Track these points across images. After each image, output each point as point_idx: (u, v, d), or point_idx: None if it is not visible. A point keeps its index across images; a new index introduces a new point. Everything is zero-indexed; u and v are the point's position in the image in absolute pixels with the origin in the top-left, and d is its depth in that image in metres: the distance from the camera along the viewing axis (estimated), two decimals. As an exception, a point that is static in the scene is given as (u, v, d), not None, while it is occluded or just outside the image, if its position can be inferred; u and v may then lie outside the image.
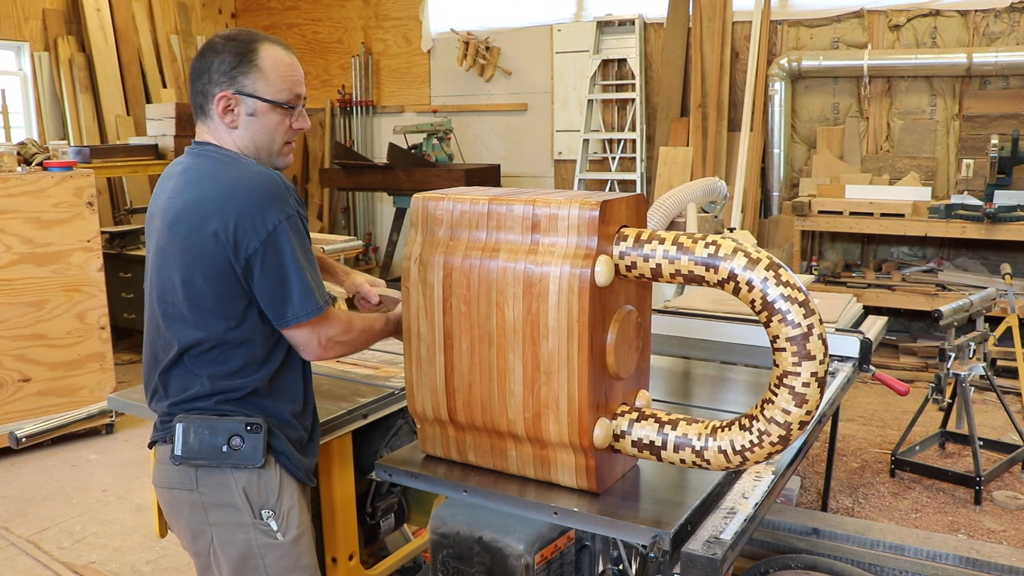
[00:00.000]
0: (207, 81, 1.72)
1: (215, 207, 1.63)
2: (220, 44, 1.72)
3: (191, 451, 1.67)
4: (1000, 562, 2.61)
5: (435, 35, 7.70)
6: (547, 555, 1.77)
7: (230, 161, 1.71)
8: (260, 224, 1.62)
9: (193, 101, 1.76)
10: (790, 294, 1.45)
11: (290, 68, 1.75)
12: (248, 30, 1.77)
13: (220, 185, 1.65)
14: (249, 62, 1.70)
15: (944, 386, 3.82)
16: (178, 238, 1.66)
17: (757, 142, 6.30)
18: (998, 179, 5.29)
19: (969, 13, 5.76)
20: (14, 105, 6.71)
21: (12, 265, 4.24)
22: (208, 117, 1.74)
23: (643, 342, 1.76)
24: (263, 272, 1.64)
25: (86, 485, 4.04)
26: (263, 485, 1.71)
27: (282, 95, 1.74)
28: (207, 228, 1.62)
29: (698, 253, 1.51)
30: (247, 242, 1.62)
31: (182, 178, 1.72)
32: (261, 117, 1.73)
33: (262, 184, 1.65)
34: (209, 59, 1.71)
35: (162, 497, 1.78)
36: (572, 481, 1.67)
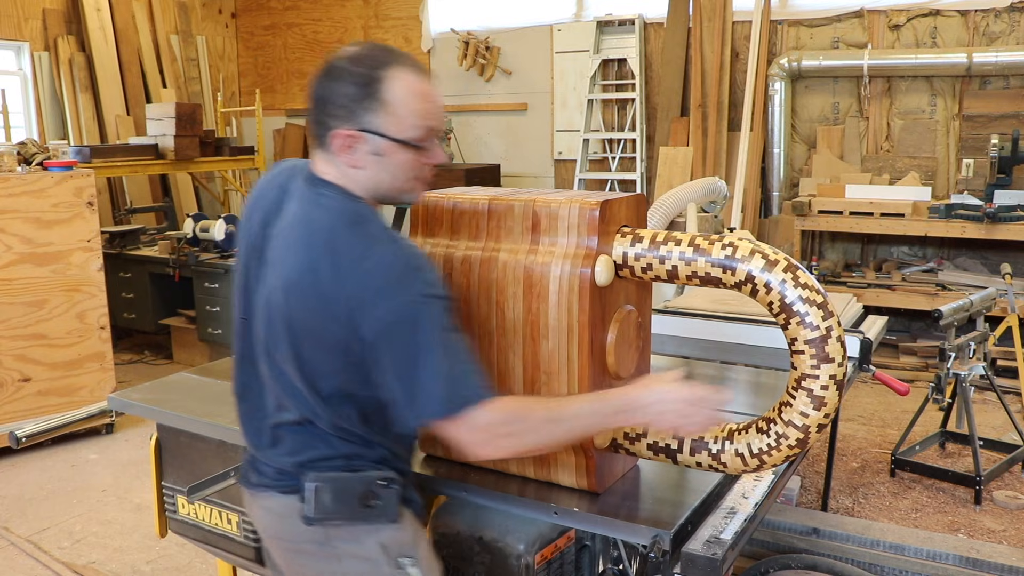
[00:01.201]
0: (324, 111, 1.46)
1: (333, 287, 1.39)
2: (342, 67, 1.45)
3: (325, 511, 1.50)
4: (1000, 562, 2.61)
5: (435, 35, 7.70)
6: (547, 555, 1.77)
7: (352, 224, 1.44)
8: (380, 312, 1.36)
9: (312, 131, 1.51)
10: (808, 296, 1.44)
11: (423, 99, 1.46)
12: (378, 49, 1.48)
13: (342, 260, 1.40)
14: (373, 95, 1.42)
15: (944, 386, 3.81)
16: (293, 308, 1.44)
17: (757, 142, 6.30)
18: (998, 179, 5.29)
19: (969, 13, 5.76)
20: (14, 105, 6.71)
21: (12, 265, 4.23)
22: (328, 152, 1.48)
23: (643, 342, 1.76)
24: (384, 362, 1.39)
25: (86, 485, 4.03)
26: (399, 536, 1.56)
27: (414, 132, 1.46)
28: (327, 309, 1.40)
29: (715, 255, 1.50)
30: (365, 330, 1.38)
31: (297, 232, 1.46)
32: (388, 157, 1.46)
33: (385, 264, 1.39)
34: (328, 84, 1.45)
35: (279, 549, 1.61)
36: (572, 481, 1.67)
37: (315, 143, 1.51)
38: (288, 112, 8.56)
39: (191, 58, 8.02)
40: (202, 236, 5.76)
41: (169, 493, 2.19)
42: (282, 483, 1.54)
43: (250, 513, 1.66)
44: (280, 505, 1.55)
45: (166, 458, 2.19)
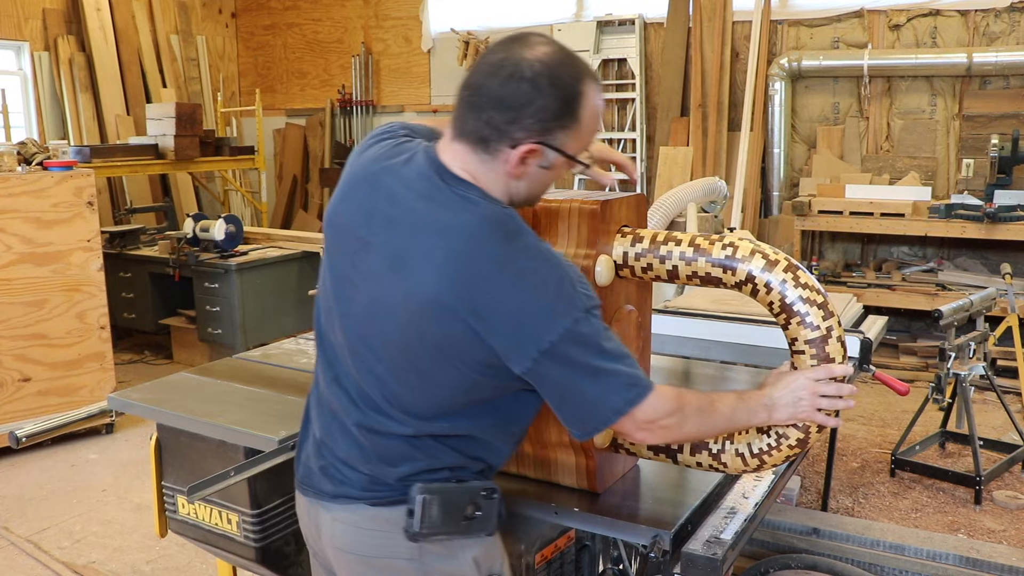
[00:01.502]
0: (511, 120, 1.32)
1: (488, 308, 1.30)
2: (544, 80, 1.31)
3: (433, 525, 1.41)
4: (1000, 562, 2.61)
5: (435, 35, 7.70)
6: (547, 555, 1.77)
7: (508, 237, 1.32)
8: (539, 334, 1.28)
9: (470, 126, 1.35)
10: (809, 296, 1.44)
11: (599, 118, 1.41)
12: (572, 57, 1.35)
13: (500, 280, 1.29)
14: (572, 114, 1.34)
15: (944, 386, 3.81)
16: (425, 323, 1.33)
17: (757, 142, 6.30)
18: (998, 179, 5.29)
19: (969, 13, 5.76)
20: (14, 105, 6.71)
21: (12, 265, 4.23)
22: (488, 154, 1.35)
23: (643, 342, 1.76)
24: (546, 386, 1.34)
25: (86, 485, 4.03)
26: (490, 550, 1.50)
27: (583, 150, 1.41)
28: (474, 330, 1.31)
29: (715, 255, 1.50)
30: (523, 354, 1.30)
31: (440, 239, 1.32)
32: (552, 171, 1.39)
33: (546, 283, 1.30)
34: (525, 94, 1.31)
35: (354, 564, 1.49)
36: (572, 481, 1.67)
37: (470, 140, 1.36)
38: (288, 112, 8.56)
39: (191, 58, 8.02)
40: (202, 236, 5.76)
41: (169, 493, 2.19)
42: (375, 494, 1.44)
43: (314, 524, 1.53)
44: (369, 518, 1.45)
45: (166, 458, 2.19)
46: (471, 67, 1.39)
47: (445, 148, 1.40)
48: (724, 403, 1.45)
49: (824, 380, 1.46)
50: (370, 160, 1.46)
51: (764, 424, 1.48)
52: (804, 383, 1.46)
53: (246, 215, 8.10)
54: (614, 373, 1.32)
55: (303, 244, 6.00)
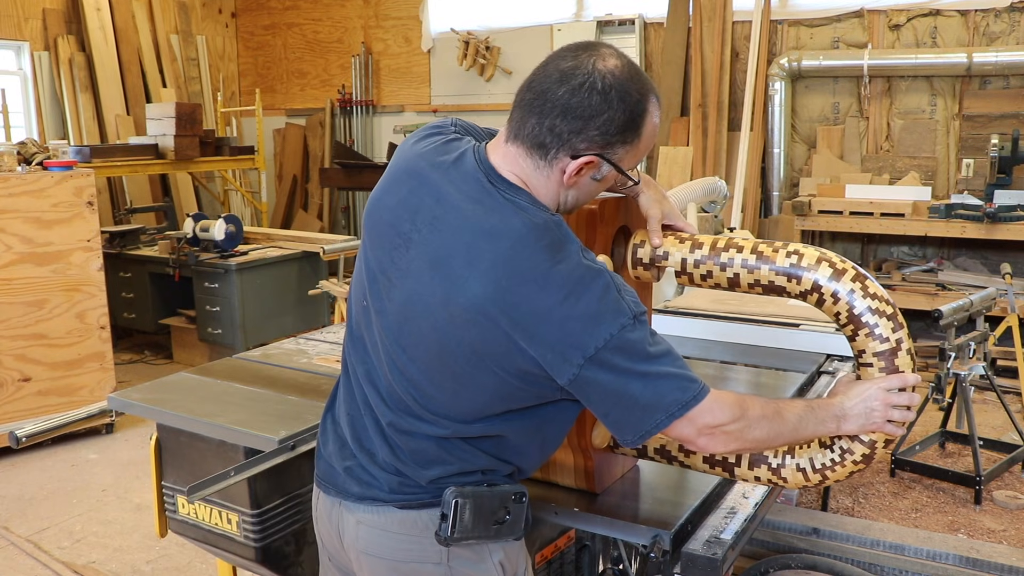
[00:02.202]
0: (576, 131, 1.31)
1: (533, 318, 1.27)
2: (615, 94, 1.30)
3: (465, 530, 1.39)
4: (1000, 562, 2.61)
5: (435, 35, 7.70)
6: (547, 555, 1.77)
7: (553, 245, 1.29)
8: (585, 341, 1.26)
9: (530, 130, 1.33)
10: (878, 307, 1.40)
11: (655, 135, 1.40)
12: (639, 75, 1.34)
13: (547, 291, 1.26)
14: (635, 131, 1.33)
15: (944, 386, 3.82)
16: (464, 329, 1.30)
17: (757, 142, 6.30)
18: (998, 179, 5.29)
19: (969, 13, 5.76)
20: (14, 105, 6.71)
21: (12, 265, 4.23)
22: (545, 161, 1.34)
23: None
24: (592, 396, 1.31)
25: (86, 485, 4.03)
26: (516, 554, 1.48)
27: (635, 165, 1.42)
28: (516, 340, 1.28)
29: (779, 263, 1.45)
30: (567, 362, 1.27)
31: (485, 244, 1.29)
32: (603, 183, 1.40)
33: (592, 290, 1.27)
34: (594, 106, 1.30)
35: (379, 568, 1.46)
36: (571, 481, 1.67)
37: (528, 144, 1.34)
38: (288, 112, 8.56)
39: (191, 58, 8.02)
40: (202, 236, 5.76)
41: (169, 493, 2.19)
42: (403, 497, 1.42)
43: (335, 526, 1.51)
44: (396, 522, 1.42)
45: (166, 458, 2.19)
46: (537, 70, 1.36)
47: (496, 149, 1.38)
48: (791, 411, 1.39)
49: (895, 390, 1.42)
50: (418, 155, 1.43)
51: (832, 435, 1.43)
52: (876, 393, 1.42)
53: (246, 215, 8.10)
54: (666, 376, 1.29)
55: (303, 244, 6.00)
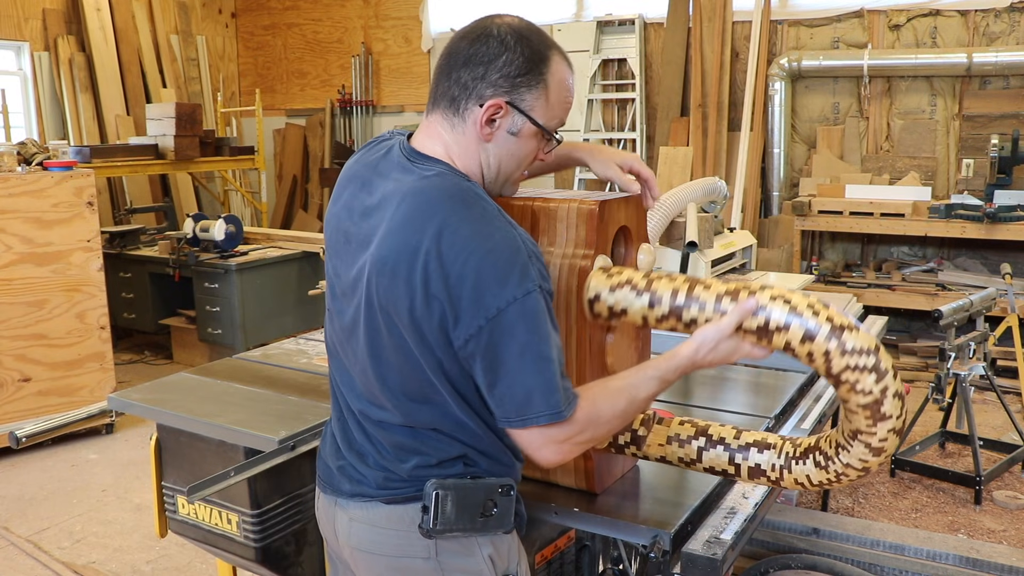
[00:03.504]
0: (479, 76, 1.36)
1: (439, 271, 1.27)
2: (511, 38, 1.36)
3: (448, 522, 1.39)
4: (1000, 562, 2.61)
5: (435, 35, 7.70)
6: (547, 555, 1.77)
7: (464, 202, 1.32)
8: (488, 300, 1.25)
9: (442, 90, 1.40)
10: (858, 363, 1.31)
11: (570, 92, 1.44)
12: (539, 31, 1.41)
13: (455, 242, 1.27)
14: (539, 74, 1.37)
15: (944, 386, 3.82)
16: (381, 291, 1.33)
17: (757, 142, 6.30)
18: (998, 179, 5.29)
19: (969, 13, 5.76)
20: (14, 105, 6.71)
21: (12, 265, 4.23)
22: (458, 116, 1.39)
23: (643, 342, 1.75)
24: (483, 360, 1.29)
25: (86, 485, 4.03)
26: (507, 547, 1.48)
27: (553, 122, 1.43)
28: (425, 295, 1.29)
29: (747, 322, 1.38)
30: (467, 321, 1.27)
31: (398, 210, 1.33)
32: (521, 140, 1.41)
33: (499, 249, 1.28)
34: (492, 50, 1.36)
35: (372, 564, 1.48)
36: (571, 481, 1.67)
37: (444, 106, 1.40)
38: (288, 112, 8.56)
39: (191, 58, 8.02)
40: (202, 236, 5.76)
41: (169, 493, 2.19)
42: (388, 492, 1.43)
43: (331, 525, 1.53)
44: (384, 517, 1.44)
45: (166, 458, 2.19)
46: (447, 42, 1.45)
47: (420, 129, 1.45)
48: (640, 388, 1.38)
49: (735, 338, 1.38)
50: (354, 161, 1.53)
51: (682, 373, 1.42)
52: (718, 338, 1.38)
53: (246, 215, 8.11)
54: (551, 371, 1.28)
55: (303, 244, 6.00)
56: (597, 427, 1.35)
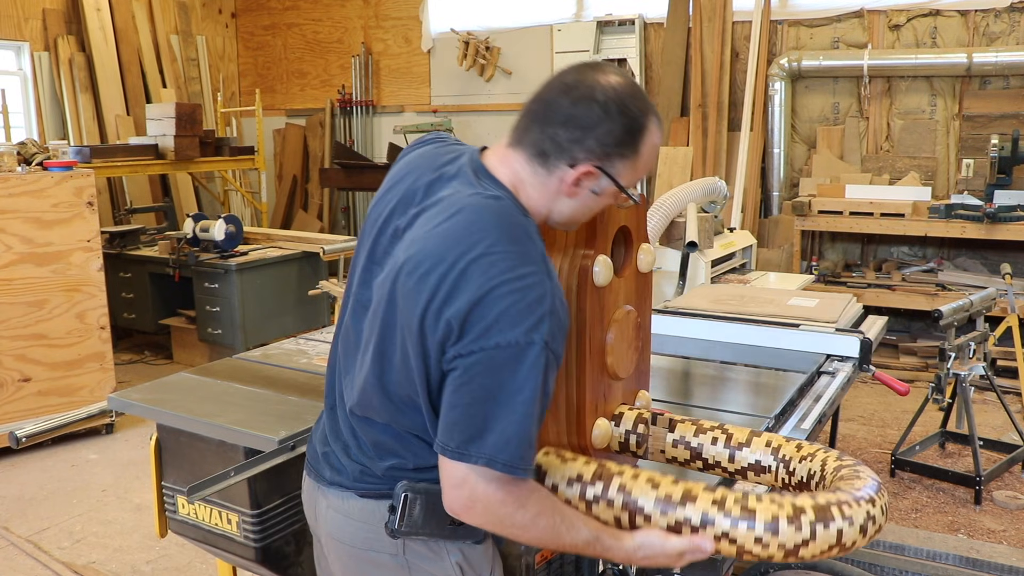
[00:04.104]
0: (575, 140, 1.34)
1: (455, 288, 1.27)
2: (615, 107, 1.34)
3: (414, 525, 1.39)
4: (1000, 562, 2.61)
5: (435, 35, 7.70)
6: (547, 555, 1.77)
7: (512, 236, 1.30)
8: (492, 333, 1.24)
9: (532, 137, 1.38)
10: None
11: (656, 156, 1.44)
12: (640, 94, 1.39)
13: (489, 271, 1.26)
14: (633, 145, 1.37)
15: (944, 386, 3.82)
16: (398, 288, 1.33)
17: (757, 142, 6.30)
18: (998, 179, 5.29)
19: (969, 13, 5.76)
20: (14, 105, 6.71)
21: (12, 265, 4.23)
22: (544, 168, 1.37)
23: (643, 342, 1.76)
24: (458, 380, 1.28)
25: (86, 485, 4.04)
26: (478, 557, 1.47)
27: (635, 184, 1.44)
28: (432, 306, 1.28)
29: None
30: (466, 342, 1.26)
31: (449, 220, 1.32)
32: (601, 198, 1.41)
33: (525, 292, 1.25)
34: (594, 116, 1.34)
35: (342, 553, 1.50)
36: (572, 481, 1.66)
37: (529, 152, 1.38)
38: (288, 112, 8.56)
39: (191, 58, 8.02)
40: (202, 236, 5.76)
41: (169, 493, 2.19)
42: (364, 486, 1.45)
43: (312, 508, 1.57)
44: (357, 509, 1.45)
45: (166, 458, 2.19)
46: (545, 83, 1.41)
47: (495, 152, 1.44)
48: (578, 532, 1.35)
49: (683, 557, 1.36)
50: (419, 155, 1.51)
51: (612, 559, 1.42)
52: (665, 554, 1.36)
53: (246, 215, 8.10)
54: (516, 426, 1.25)
55: (303, 244, 6.00)
56: (522, 510, 1.30)
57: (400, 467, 1.42)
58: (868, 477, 1.36)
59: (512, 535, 1.35)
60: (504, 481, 1.27)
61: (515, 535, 1.34)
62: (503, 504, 1.29)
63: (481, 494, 1.28)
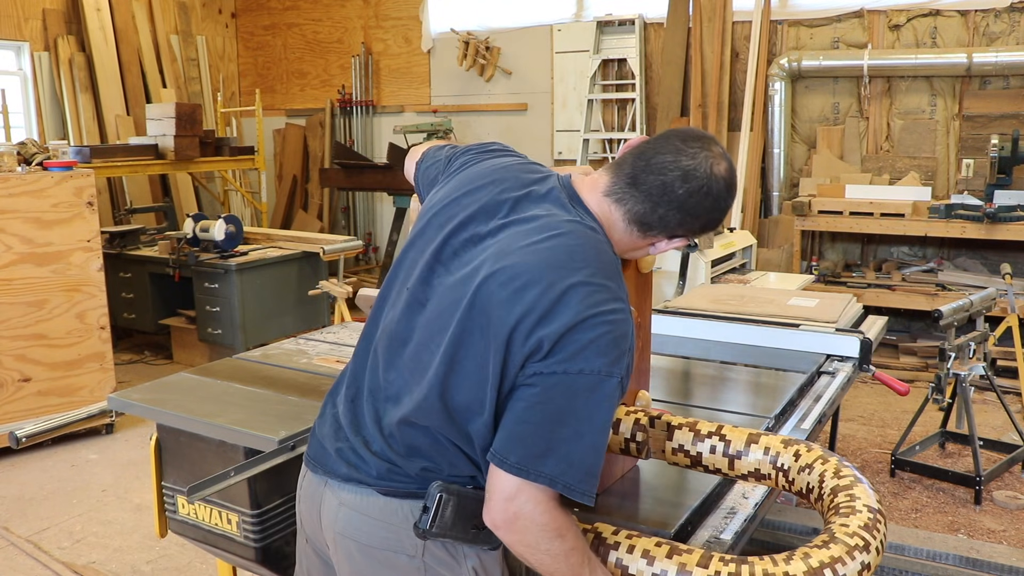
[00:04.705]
0: (682, 223, 1.45)
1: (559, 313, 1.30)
2: (723, 200, 1.45)
3: (444, 527, 1.38)
4: (1000, 562, 2.61)
5: (435, 35, 7.70)
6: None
7: (609, 273, 1.37)
8: (579, 359, 1.28)
9: (635, 204, 1.43)
10: None
11: None
12: (735, 180, 1.48)
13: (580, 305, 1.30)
14: (713, 227, 1.52)
15: (944, 386, 3.81)
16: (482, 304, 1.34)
17: (757, 142, 6.30)
18: (998, 179, 5.29)
19: (969, 13, 5.76)
20: (14, 105, 6.71)
21: (12, 265, 4.23)
22: (641, 233, 1.46)
23: (643, 342, 1.75)
24: (532, 397, 1.30)
25: (86, 485, 4.03)
26: (492, 563, 1.46)
27: None
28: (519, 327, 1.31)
29: None
30: (551, 361, 1.29)
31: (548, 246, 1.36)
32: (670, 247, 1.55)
33: (616, 328, 1.31)
34: (705, 207, 1.44)
35: (352, 551, 1.47)
36: (572, 481, 1.66)
37: (629, 216, 1.44)
38: (288, 112, 8.56)
39: (191, 58, 8.02)
40: (202, 236, 5.76)
41: (169, 493, 2.19)
42: (389, 484, 1.42)
43: (316, 505, 1.52)
44: (378, 507, 1.43)
45: (166, 458, 2.19)
46: (658, 147, 1.44)
47: (585, 186, 1.49)
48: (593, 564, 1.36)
49: None
50: (503, 167, 1.55)
51: None
52: None
53: (246, 215, 8.10)
54: (587, 451, 1.29)
55: (303, 244, 6.00)
56: (561, 538, 1.31)
57: (432, 470, 1.40)
58: (864, 508, 1.35)
59: (539, 563, 1.33)
60: (553, 507, 1.30)
61: (542, 564, 1.33)
62: (544, 528, 1.30)
63: (528, 513, 1.29)
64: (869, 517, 1.33)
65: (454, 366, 1.36)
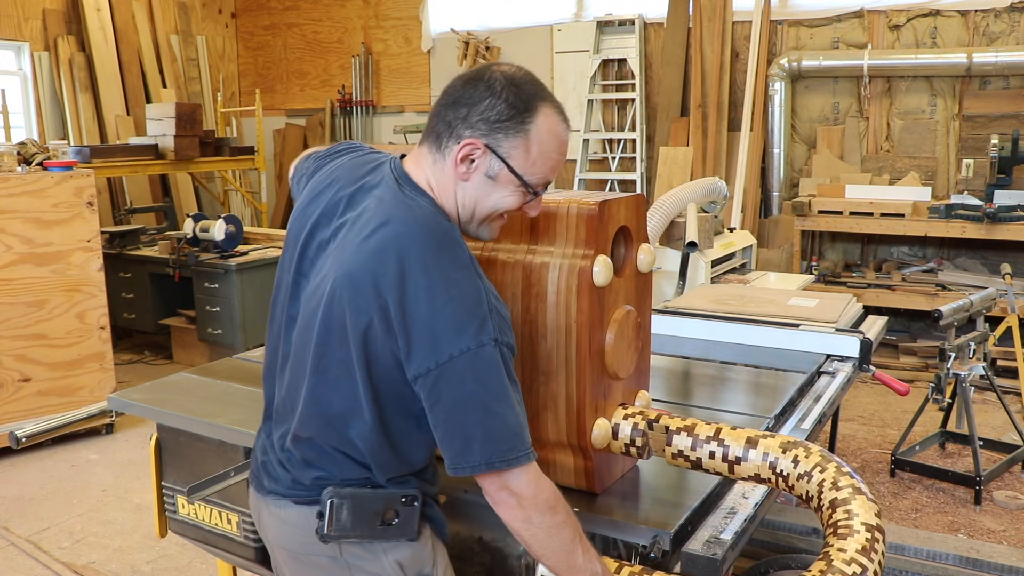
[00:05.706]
0: (462, 117, 1.39)
1: (398, 302, 1.31)
2: (500, 84, 1.38)
3: (343, 528, 1.42)
4: (1000, 562, 2.60)
5: (435, 35, 7.70)
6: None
7: (440, 244, 1.34)
8: (442, 346, 1.29)
9: (432, 125, 1.43)
10: None
11: (557, 150, 1.44)
12: (536, 81, 1.43)
13: (421, 281, 1.30)
14: (520, 123, 1.38)
15: (944, 386, 3.81)
16: (334, 305, 1.36)
17: (757, 142, 6.30)
18: (998, 179, 5.29)
19: (969, 13, 5.76)
20: (14, 105, 6.71)
21: (12, 265, 4.23)
22: (439, 152, 1.42)
23: (643, 342, 1.75)
24: (428, 401, 1.33)
25: (86, 485, 4.04)
26: (417, 553, 1.49)
27: (534, 176, 1.42)
28: (376, 321, 1.32)
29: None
30: (418, 360, 1.30)
31: (377, 233, 1.35)
32: (498, 185, 1.42)
33: (462, 297, 1.30)
34: (479, 93, 1.38)
35: (287, 559, 1.54)
36: (571, 481, 1.67)
37: (431, 140, 1.44)
38: (288, 112, 8.56)
39: (191, 58, 8.02)
40: (202, 236, 5.76)
41: (169, 493, 2.19)
42: (297, 493, 1.48)
43: (258, 517, 1.60)
44: (293, 516, 1.49)
45: (166, 458, 2.19)
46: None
47: (411, 157, 1.48)
48: (585, 554, 1.40)
49: None
50: (337, 166, 1.55)
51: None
52: None
53: (246, 215, 8.11)
54: (495, 424, 1.30)
55: (303, 244, 5.99)
56: (547, 517, 1.34)
57: (326, 478, 1.45)
58: (862, 527, 1.33)
59: (535, 540, 1.36)
60: (526, 473, 1.33)
61: (537, 540, 1.36)
62: (535, 499, 1.34)
63: (519, 496, 1.33)
64: (867, 538, 1.32)
65: (321, 375, 1.40)
